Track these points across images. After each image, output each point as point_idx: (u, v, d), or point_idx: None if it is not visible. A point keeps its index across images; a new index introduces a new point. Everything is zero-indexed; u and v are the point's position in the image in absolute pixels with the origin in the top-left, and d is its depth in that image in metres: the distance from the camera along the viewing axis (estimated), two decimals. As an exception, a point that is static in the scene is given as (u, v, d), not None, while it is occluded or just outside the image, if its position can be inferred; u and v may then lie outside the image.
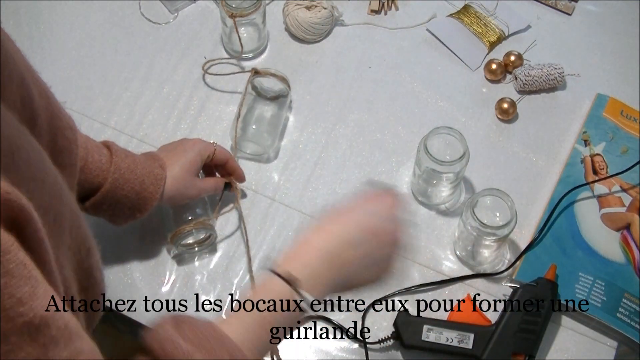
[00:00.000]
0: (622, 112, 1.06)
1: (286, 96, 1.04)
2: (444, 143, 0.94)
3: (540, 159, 1.04)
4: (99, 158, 0.81)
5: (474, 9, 1.17)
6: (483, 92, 1.10)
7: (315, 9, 1.12)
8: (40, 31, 1.14)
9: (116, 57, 1.12)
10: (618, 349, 0.91)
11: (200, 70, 1.10)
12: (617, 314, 0.90)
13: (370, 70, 1.12)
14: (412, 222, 0.74)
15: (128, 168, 0.83)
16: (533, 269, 0.93)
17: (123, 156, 0.84)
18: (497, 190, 0.90)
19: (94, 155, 0.81)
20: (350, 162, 1.04)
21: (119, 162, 0.83)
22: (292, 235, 0.98)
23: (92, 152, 0.81)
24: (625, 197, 0.99)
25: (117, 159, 0.83)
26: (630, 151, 1.03)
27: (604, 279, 0.93)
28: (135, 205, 0.85)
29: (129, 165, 0.83)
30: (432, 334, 0.87)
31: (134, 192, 0.84)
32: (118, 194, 0.83)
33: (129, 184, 0.83)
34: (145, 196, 0.85)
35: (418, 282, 0.94)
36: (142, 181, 0.84)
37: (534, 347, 0.86)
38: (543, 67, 1.09)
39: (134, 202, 0.85)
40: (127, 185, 0.83)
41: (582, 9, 1.19)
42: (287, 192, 1.01)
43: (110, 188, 0.82)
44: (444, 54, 1.14)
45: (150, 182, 0.85)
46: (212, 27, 1.15)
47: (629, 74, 1.12)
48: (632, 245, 0.95)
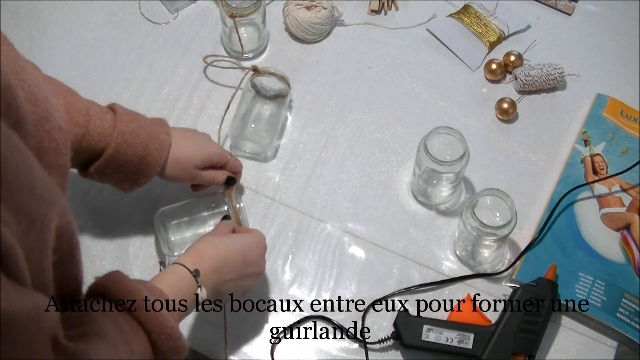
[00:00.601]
0: (622, 112, 1.06)
1: (286, 96, 1.04)
2: (444, 143, 0.94)
3: (540, 159, 1.04)
4: (101, 124, 0.82)
5: (474, 9, 1.17)
6: (483, 92, 1.10)
7: (315, 9, 1.12)
8: (40, 31, 1.14)
9: (116, 57, 1.12)
10: (618, 349, 0.91)
11: (201, 70, 1.10)
12: (617, 314, 0.90)
13: (370, 70, 1.12)
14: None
15: (132, 133, 0.84)
16: (533, 269, 0.93)
17: (128, 120, 0.84)
18: (497, 190, 0.90)
19: (96, 122, 0.82)
20: (350, 162, 1.04)
21: (123, 127, 0.83)
22: (292, 235, 0.98)
23: (95, 118, 0.82)
24: (625, 197, 0.99)
25: (120, 124, 0.83)
26: (630, 151, 1.03)
27: (604, 279, 0.93)
28: (139, 170, 0.85)
29: (133, 130, 0.84)
30: (432, 334, 0.87)
31: (137, 157, 0.84)
32: (121, 158, 0.83)
33: (132, 149, 0.84)
34: (149, 161, 0.85)
35: (418, 282, 0.94)
36: (146, 146, 0.85)
37: (534, 347, 0.86)
38: (543, 67, 1.09)
39: (137, 167, 0.85)
40: (131, 150, 0.83)
41: (582, 9, 1.19)
42: (287, 192, 1.01)
43: (113, 153, 0.82)
44: (444, 54, 1.14)
45: (154, 147, 0.86)
46: (212, 27, 1.15)
47: (629, 74, 1.12)
48: (632, 245, 0.95)
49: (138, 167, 0.85)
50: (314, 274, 0.95)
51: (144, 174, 0.86)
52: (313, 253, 0.97)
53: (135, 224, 0.98)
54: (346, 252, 0.97)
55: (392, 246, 0.97)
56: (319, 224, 0.99)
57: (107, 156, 0.82)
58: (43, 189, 0.52)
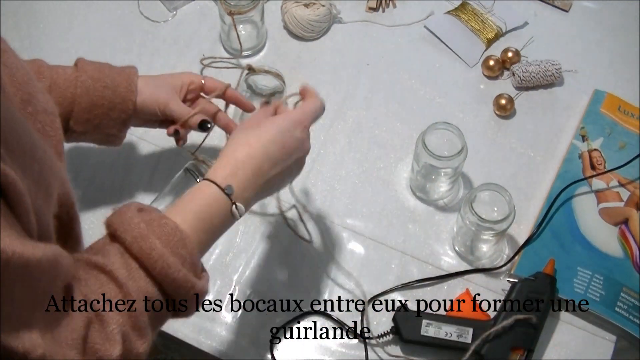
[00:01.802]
0: (619, 107, 1.06)
1: (282, 92, 1.04)
2: (442, 139, 0.94)
3: (538, 155, 1.05)
4: (64, 71, 0.84)
5: (472, 6, 1.17)
6: (481, 89, 1.11)
7: (314, 7, 1.13)
8: (39, 30, 1.15)
9: (115, 55, 1.12)
10: (617, 343, 0.91)
11: (199, 68, 1.10)
12: (616, 308, 0.91)
13: (368, 67, 1.12)
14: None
15: (95, 69, 0.85)
16: (531, 263, 0.93)
17: (89, 62, 0.86)
18: (495, 185, 0.90)
19: (58, 71, 0.83)
20: (348, 158, 1.04)
21: (85, 67, 0.84)
22: (290, 231, 0.98)
23: (57, 70, 0.83)
24: (623, 192, 0.99)
25: (82, 65, 0.84)
26: (628, 146, 1.03)
27: (602, 273, 0.93)
28: (116, 105, 0.84)
29: (96, 67, 0.85)
30: (431, 329, 0.87)
31: (108, 90, 0.84)
32: (92, 94, 0.83)
33: (99, 83, 0.84)
34: (122, 93, 0.84)
35: (417, 278, 0.94)
36: (113, 78, 0.85)
37: (532, 341, 0.87)
38: (540, 63, 1.09)
39: (112, 102, 0.84)
40: (99, 84, 0.84)
41: (580, 5, 1.19)
42: (286, 189, 1.01)
43: (82, 92, 0.83)
44: (442, 50, 1.14)
45: (122, 79, 0.85)
46: (211, 25, 1.15)
47: (627, 70, 1.12)
48: (630, 239, 0.96)
49: (113, 101, 0.84)
50: (313, 270, 0.95)
51: (122, 108, 0.85)
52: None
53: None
54: (345, 248, 0.97)
55: (391, 242, 0.97)
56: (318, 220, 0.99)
57: (77, 97, 0.82)
58: (43, 155, 0.52)
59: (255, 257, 0.96)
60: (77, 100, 0.83)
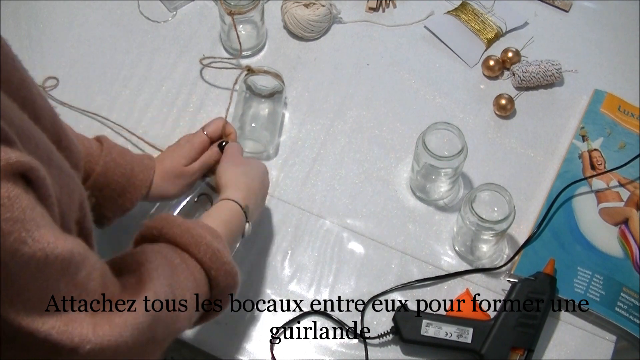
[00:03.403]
0: (619, 107, 1.07)
1: (281, 92, 1.04)
2: (442, 139, 0.94)
3: (538, 155, 1.05)
4: (89, 144, 0.85)
5: (472, 6, 1.17)
6: (481, 89, 1.11)
7: (314, 7, 1.13)
8: (39, 30, 1.15)
9: (115, 55, 1.13)
10: (617, 343, 0.91)
11: (199, 68, 1.10)
12: (616, 308, 0.91)
13: (368, 68, 1.12)
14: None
15: (119, 153, 0.86)
16: (532, 263, 0.93)
17: (113, 144, 0.87)
18: (495, 185, 0.90)
19: (84, 142, 0.84)
20: (348, 158, 1.04)
21: (110, 149, 0.86)
22: (291, 231, 0.98)
23: (83, 140, 0.84)
24: (623, 191, 0.99)
25: (107, 145, 0.86)
26: (627, 146, 1.03)
27: (602, 273, 0.93)
28: (126, 191, 0.86)
29: (120, 151, 0.86)
30: (431, 329, 0.87)
31: (124, 177, 0.85)
32: (109, 177, 0.84)
33: (120, 169, 0.85)
34: (135, 183, 0.86)
35: (417, 278, 0.94)
36: (132, 168, 0.86)
37: (532, 341, 0.87)
38: (540, 63, 1.09)
39: (124, 188, 0.85)
40: (118, 169, 0.85)
41: (580, 5, 1.19)
42: (286, 189, 1.01)
43: (102, 171, 0.83)
44: (442, 51, 1.14)
45: (139, 169, 0.87)
46: (211, 25, 1.15)
47: (627, 70, 1.13)
48: (630, 239, 0.96)
49: (125, 188, 0.86)
50: (313, 270, 0.95)
51: (129, 197, 0.86)
52: (312, 249, 0.97)
53: (135, 220, 0.98)
54: (345, 248, 0.97)
55: (391, 242, 0.97)
56: (318, 220, 0.99)
57: (96, 174, 0.83)
58: (60, 162, 0.54)
59: (255, 257, 0.96)
60: (94, 177, 0.83)
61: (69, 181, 0.55)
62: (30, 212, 0.46)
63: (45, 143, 0.54)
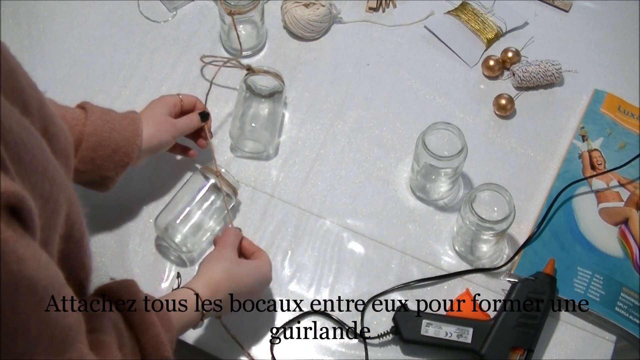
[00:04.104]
0: (619, 107, 1.07)
1: (281, 92, 1.04)
2: (442, 138, 0.95)
3: (538, 155, 1.05)
4: (73, 113, 0.86)
5: (472, 6, 1.17)
6: (481, 89, 1.11)
7: (314, 7, 1.13)
8: (39, 30, 1.15)
9: (115, 55, 1.13)
10: (617, 343, 0.91)
11: (199, 68, 1.10)
12: (616, 308, 0.91)
13: (368, 68, 1.12)
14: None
15: (104, 111, 0.87)
16: (532, 263, 0.93)
17: (96, 106, 0.88)
18: (495, 185, 0.90)
19: (66, 109, 0.85)
20: (348, 159, 1.04)
21: (93, 109, 0.87)
22: (291, 231, 0.98)
23: (67, 109, 0.86)
24: (623, 191, 0.99)
25: (90, 107, 0.87)
26: (627, 146, 1.03)
27: (602, 273, 0.93)
28: (120, 146, 0.86)
29: (104, 110, 0.88)
30: (431, 329, 0.87)
31: (114, 132, 0.86)
32: (99, 134, 0.85)
33: (107, 125, 0.86)
34: (127, 136, 0.87)
35: (417, 277, 0.94)
36: (120, 122, 0.87)
37: (532, 341, 0.87)
38: (540, 63, 1.09)
39: (117, 142, 0.86)
40: (107, 125, 0.86)
41: (580, 5, 1.19)
42: (286, 189, 1.01)
43: (91, 131, 0.84)
44: (442, 51, 1.14)
45: (127, 122, 0.88)
46: (211, 25, 1.15)
47: (627, 70, 1.13)
48: (630, 239, 0.96)
49: (119, 143, 0.86)
50: (313, 270, 0.95)
51: (126, 151, 0.87)
52: (312, 249, 0.97)
53: (135, 220, 0.98)
54: (345, 248, 0.97)
55: (391, 242, 0.97)
56: (318, 220, 0.99)
57: (87, 136, 0.84)
58: (54, 173, 0.53)
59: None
60: (85, 139, 0.84)
61: (58, 194, 0.54)
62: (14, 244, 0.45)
63: (43, 150, 0.53)
